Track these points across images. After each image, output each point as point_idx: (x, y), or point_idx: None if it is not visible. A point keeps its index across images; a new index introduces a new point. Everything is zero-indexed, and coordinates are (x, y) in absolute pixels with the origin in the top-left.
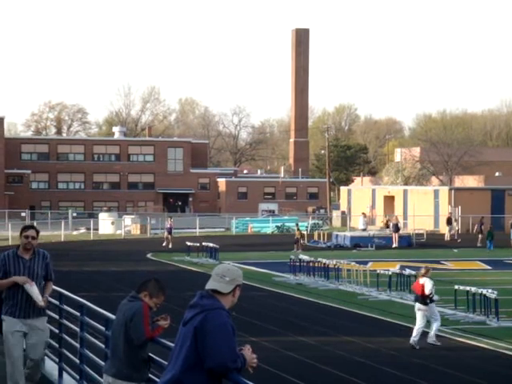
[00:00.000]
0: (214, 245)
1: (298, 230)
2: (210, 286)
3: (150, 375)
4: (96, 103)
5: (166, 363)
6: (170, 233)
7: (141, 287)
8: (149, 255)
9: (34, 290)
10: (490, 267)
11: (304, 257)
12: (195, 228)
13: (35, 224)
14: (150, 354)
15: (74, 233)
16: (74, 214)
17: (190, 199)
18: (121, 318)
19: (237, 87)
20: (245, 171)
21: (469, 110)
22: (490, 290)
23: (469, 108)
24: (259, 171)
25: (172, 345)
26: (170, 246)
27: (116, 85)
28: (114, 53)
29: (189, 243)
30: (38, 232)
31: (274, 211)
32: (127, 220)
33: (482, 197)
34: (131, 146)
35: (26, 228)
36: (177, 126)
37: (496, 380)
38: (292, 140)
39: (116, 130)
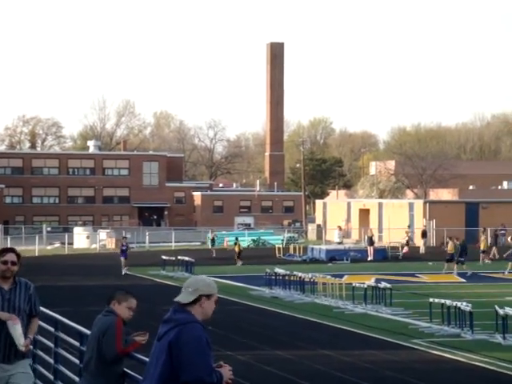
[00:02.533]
0: (190, 258)
1: (237, 243)
2: (176, 298)
3: None
4: (71, 117)
5: (141, 378)
6: (124, 256)
7: (109, 299)
8: (124, 269)
9: (17, 329)
10: (464, 280)
11: (280, 270)
12: (171, 242)
13: (9, 240)
14: (125, 369)
15: (49, 247)
16: (49, 229)
17: (166, 213)
18: (95, 333)
19: (212, 101)
20: (220, 185)
21: (443, 124)
22: (464, 303)
23: (443, 121)
24: (235, 185)
25: (147, 359)
26: (123, 273)
27: (91, 98)
28: (88, 66)
29: (164, 257)
30: (18, 256)
31: (249, 224)
32: (102, 234)
33: (456, 210)
34: (106, 160)
35: (3, 251)
36: (152, 140)
37: None
38: (267, 153)
39: (91, 143)
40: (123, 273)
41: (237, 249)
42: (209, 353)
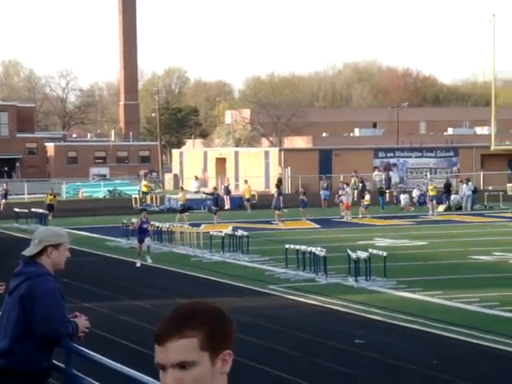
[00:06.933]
0: (44, 211)
1: (52, 194)
2: (23, 252)
3: None
4: None
5: None
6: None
7: None
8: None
9: None
10: (319, 226)
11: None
12: (23, 194)
13: None
14: None
15: None
16: None
17: (18, 165)
18: None
19: (63, 49)
20: (74, 135)
21: (296, 73)
22: (318, 248)
23: (296, 70)
24: (89, 135)
25: None
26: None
27: None
28: None
29: (17, 209)
30: None
31: (105, 175)
32: None
33: (310, 157)
34: None
35: None
36: (0, 90)
37: (322, 334)
38: (122, 103)
39: None
40: (138, 264)
41: (50, 201)
42: (63, 304)
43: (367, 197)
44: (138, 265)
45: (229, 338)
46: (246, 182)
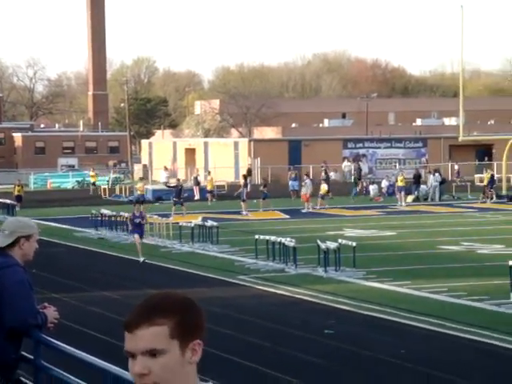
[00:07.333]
0: (12, 201)
1: (20, 185)
2: None
3: None
4: None
5: None
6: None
7: None
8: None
9: None
10: (288, 216)
11: (105, 211)
12: None
13: None
14: None
15: None
16: None
17: None
18: None
19: (30, 38)
20: (42, 125)
21: (266, 63)
22: (288, 239)
23: (265, 61)
24: (57, 125)
25: None
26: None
27: None
28: None
29: None
30: None
31: (73, 166)
32: None
33: (279, 148)
34: None
35: None
36: None
37: (292, 324)
38: (90, 93)
39: None
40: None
41: (18, 192)
42: (32, 295)
43: (323, 186)
44: (141, 260)
45: (199, 327)
46: (209, 173)
